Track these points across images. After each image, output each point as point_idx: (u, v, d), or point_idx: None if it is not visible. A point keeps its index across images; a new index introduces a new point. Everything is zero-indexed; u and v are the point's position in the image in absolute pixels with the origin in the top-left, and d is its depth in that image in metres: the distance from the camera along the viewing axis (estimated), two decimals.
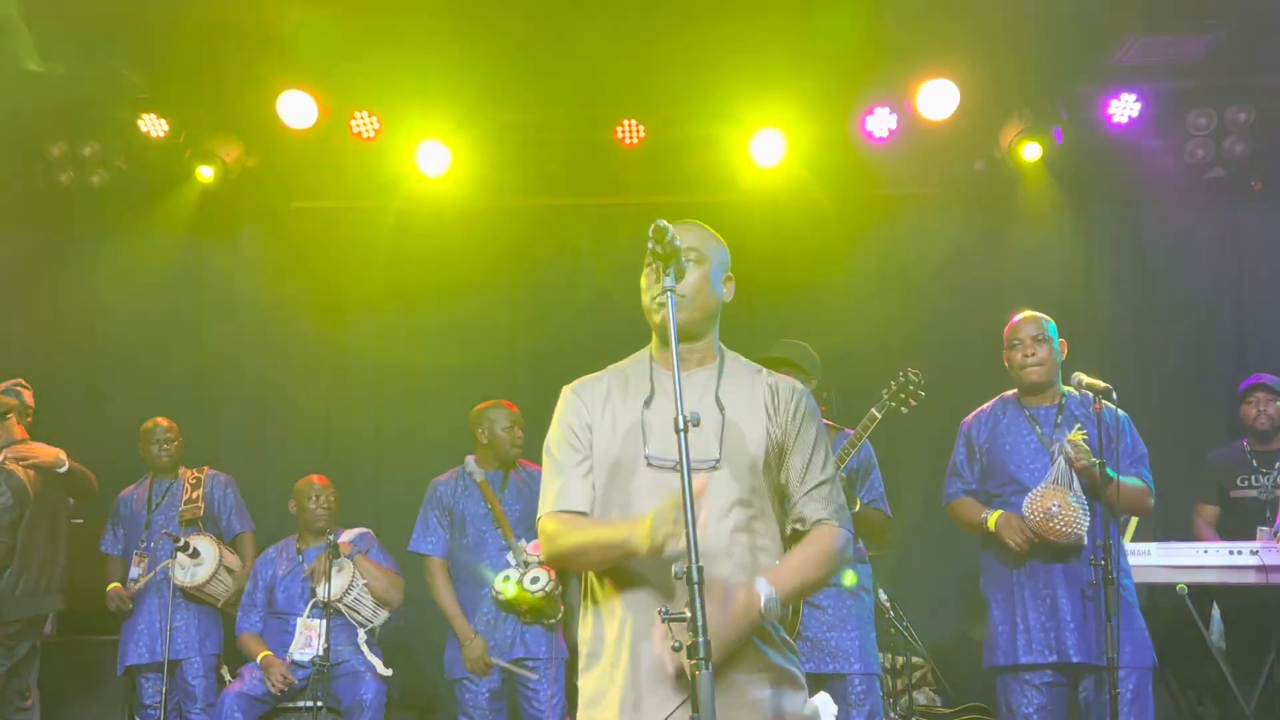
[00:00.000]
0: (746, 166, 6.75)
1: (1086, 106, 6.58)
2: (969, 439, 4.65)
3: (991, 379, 6.73)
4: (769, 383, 2.61)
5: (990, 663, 4.48)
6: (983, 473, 4.59)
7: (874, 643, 4.54)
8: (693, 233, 2.62)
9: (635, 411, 2.54)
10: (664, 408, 2.50)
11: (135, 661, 5.72)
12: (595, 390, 2.62)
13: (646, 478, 2.47)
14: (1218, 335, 6.99)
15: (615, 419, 2.55)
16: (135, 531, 5.91)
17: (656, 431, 2.49)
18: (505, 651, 5.10)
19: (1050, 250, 7.12)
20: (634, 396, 2.58)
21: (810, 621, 4.39)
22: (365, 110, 6.57)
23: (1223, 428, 6.50)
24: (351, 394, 7.28)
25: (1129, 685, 4.18)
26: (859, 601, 4.50)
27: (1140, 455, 4.41)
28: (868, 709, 4.40)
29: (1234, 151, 6.63)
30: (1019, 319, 4.54)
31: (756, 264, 7.17)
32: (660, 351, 2.61)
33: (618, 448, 2.52)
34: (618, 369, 2.68)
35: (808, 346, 4.74)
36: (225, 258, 7.36)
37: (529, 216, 7.28)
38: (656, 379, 2.58)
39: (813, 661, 4.33)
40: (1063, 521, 4.15)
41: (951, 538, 6.79)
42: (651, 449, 2.48)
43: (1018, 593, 4.39)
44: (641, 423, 2.52)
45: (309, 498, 5.72)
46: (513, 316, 7.26)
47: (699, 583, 2.05)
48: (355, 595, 5.50)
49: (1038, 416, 4.48)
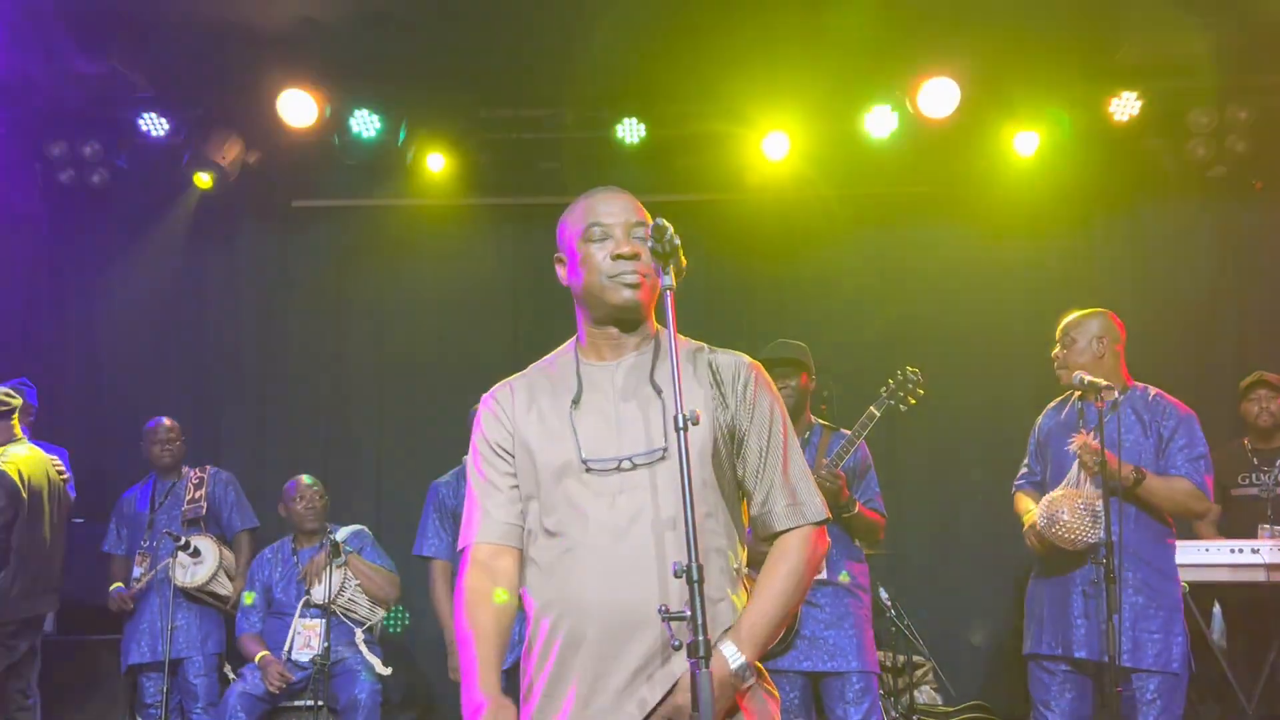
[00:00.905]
0: (747, 166, 6.75)
1: (1088, 105, 6.58)
2: (1036, 432, 4.68)
3: (991, 377, 6.79)
4: (709, 359, 2.37)
5: (1025, 650, 4.52)
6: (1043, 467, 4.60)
7: (872, 641, 4.53)
8: (633, 203, 2.39)
9: (564, 412, 2.33)
10: (594, 404, 2.32)
11: (137, 660, 5.72)
12: (516, 395, 2.41)
13: (587, 483, 2.26)
14: (1218, 333, 6.98)
15: (543, 420, 2.34)
16: (138, 531, 5.91)
17: (588, 432, 2.29)
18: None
19: (1051, 249, 7.13)
20: (561, 396, 2.36)
21: (807, 619, 4.39)
22: (365, 109, 6.58)
23: (1223, 426, 6.49)
24: (352, 393, 7.28)
25: (1149, 685, 4.18)
26: (856, 599, 4.49)
27: (1197, 456, 4.30)
28: (865, 707, 4.38)
29: (1235, 150, 6.62)
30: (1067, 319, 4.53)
31: (757, 263, 7.22)
32: (594, 340, 2.39)
33: (550, 451, 2.30)
34: (540, 367, 2.48)
35: (804, 347, 4.74)
36: (226, 256, 7.36)
37: (529, 214, 7.28)
38: (584, 373, 2.37)
39: (810, 659, 4.33)
40: (1064, 529, 4.13)
41: (951, 537, 6.82)
42: (587, 451, 2.27)
43: (1038, 586, 4.46)
44: (572, 423, 2.31)
45: (294, 499, 5.73)
46: (513, 314, 7.26)
47: (699, 581, 1.96)
48: (349, 595, 5.50)
49: (1088, 413, 4.44)
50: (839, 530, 4.52)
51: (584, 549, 2.23)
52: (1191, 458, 4.29)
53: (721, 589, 2.25)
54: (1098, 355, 4.42)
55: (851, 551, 4.57)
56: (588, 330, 2.41)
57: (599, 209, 2.37)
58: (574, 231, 2.40)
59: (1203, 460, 4.30)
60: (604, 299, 2.33)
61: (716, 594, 2.23)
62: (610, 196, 2.40)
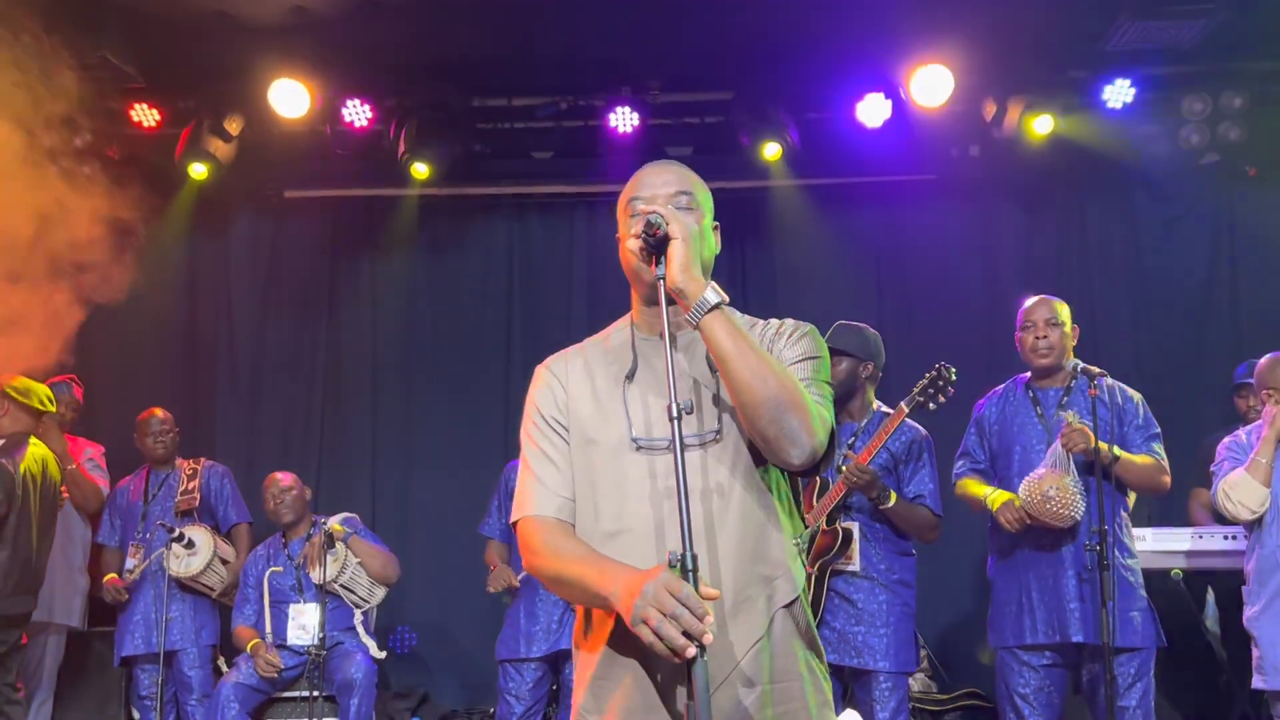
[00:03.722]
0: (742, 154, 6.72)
1: (1081, 92, 6.57)
2: (980, 420, 4.70)
3: (986, 364, 6.77)
4: (764, 333, 2.31)
5: (996, 643, 4.52)
6: (992, 454, 4.62)
7: (909, 639, 4.43)
8: (678, 173, 2.32)
9: (617, 386, 2.26)
10: (648, 380, 2.25)
11: (131, 652, 5.73)
12: (572, 366, 2.33)
13: (634, 462, 2.18)
14: (1212, 320, 6.99)
15: (596, 396, 2.27)
16: (131, 522, 5.91)
17: (641, 409, 2.22)
18: (551, 644, 5.10)
19: (1044, 236, 7.13)
20: (615, 369, 2.29)
21: (839, 613, 4.37)
22: (357, 99, 6.55)
23: (1218, 412, 6.51)
24: (345, 384, 7.27)
25: (1131, 666, 4.22)
26: (894, 595, 4.40)
27: (1154, 434, 4.44)
28: (893, 705, 4.32)
29: (1228, 136, 6.62)
30: (1032, 301, 4.57)
31: (751, 251, 7.21)
32: (645, 317, 2.31)
33: (600, 428, 2.23)
34: (596, 340, 2.39)
35: (865, 329, 4.60)
36: (218, 247, 7.34)
37: (522, 204, 7.27)
38: (639, 348, 2.29)
39: (837, 654, 4.32)
40: (1058, 505, 4.19)
41: (946, 523, 6.80)
42: (637, 429, 2.20)
43: (1022, 574, 4.44)
44: (624, 399, 2.24)
45: (269, 496, 5.76)
46: (507, 304, 7.25)
47: (694, 570, 1.90)
48: (350, 575, 5.51)
49: (1042, 399, 4.52)
50: (880, 523, 4.47)
51: (627, 532, 2.16)
52: (1148, 436, 4.43)
53: (780, 564, 2.19)
54: (1073, 340, 4.55)
55: (896, 544, 4.50)
56: (640, 308, 2.33)
57: (642, 183, 2.31)
58: (620, 207, 2.34)
59: (1158, 437, 4.45)
60: (640, 278, 2.25)
61: (773, 570, 2.17)
62: (656, 170, 2.33)
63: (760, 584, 2.16)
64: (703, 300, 2.08)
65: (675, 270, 2.09)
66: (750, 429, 2.13)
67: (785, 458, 2.11)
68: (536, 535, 2.20)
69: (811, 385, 2.21)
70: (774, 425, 2.07)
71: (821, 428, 2.13)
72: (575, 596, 2.18)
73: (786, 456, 2.10)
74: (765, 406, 2.06)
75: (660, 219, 2.10)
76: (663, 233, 2.10)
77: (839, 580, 4.40)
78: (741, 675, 2.11)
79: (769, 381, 2.06)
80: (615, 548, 2.15)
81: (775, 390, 2.06)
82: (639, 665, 2.12)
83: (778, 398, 2.06)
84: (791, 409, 2.07)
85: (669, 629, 1.85)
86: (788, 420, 2.07)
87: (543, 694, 5.17)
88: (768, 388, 2.06)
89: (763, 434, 2.10)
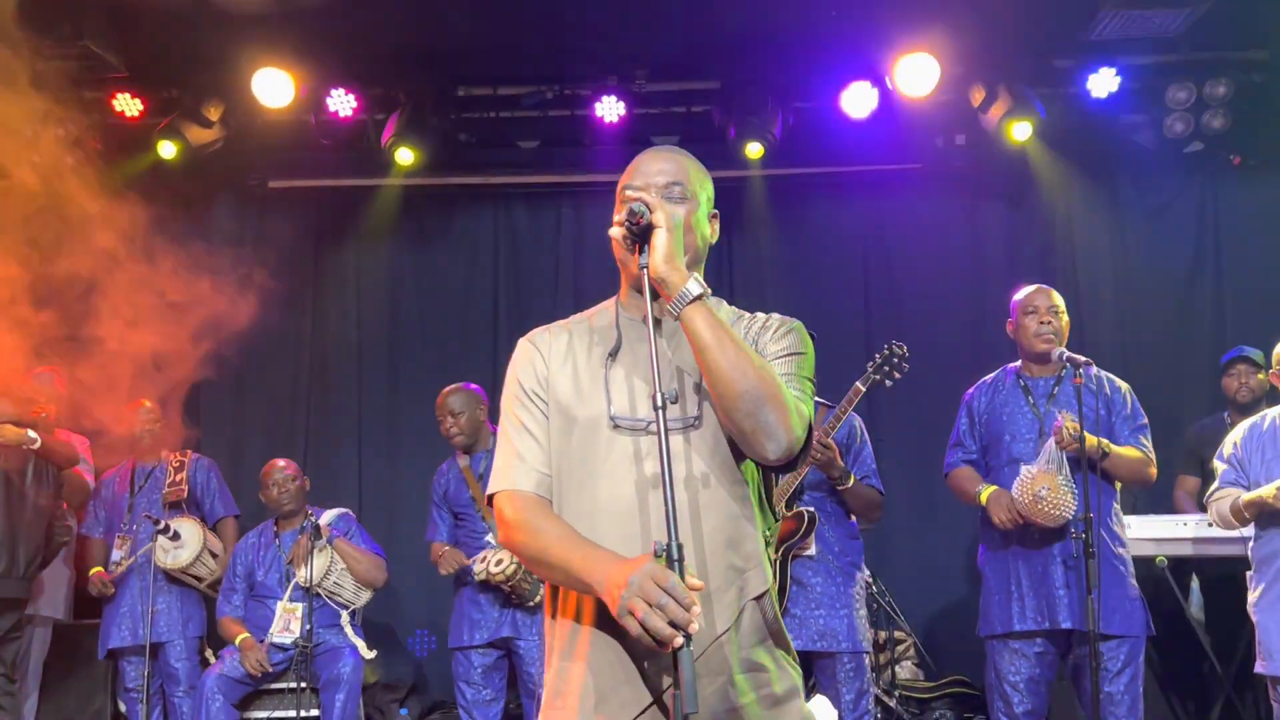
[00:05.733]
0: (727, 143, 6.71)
1: (1066, 81, 6.58)
2: (970, 409, 4.71)
3: (973, 352, 6.79)
4: (750, 326, 2.32)
5: (985, 631, 4.54)
6: (981, 443, 4.65)
7: (864, 620, 4.56)
8: (675, 162, 2.29)
9: (599, 365, 2.24)
10: (630, 361, 2.23)
11: (117, 644, 5.69)
12: (556, 340, 2.31)
13: (614, 441, 2.16)
14: (1197, 308, 7.02)
15: (577, 372, 2.25)
16: (117, 515, 5.87)
17: (621, 388, 2.21)
18: (493, 631, 5.10)
19: (1030, 225, 7.14)
20: (598, 348, 2.27)
21: (798, 598, 4.41)
22: (341, 88, 6.52)
23: (1203, 400, 6.54)
24: (331, 375, 7.24)
25: (1120, 653, 4.24)
26: (849, 578, 4.51)
27: (1140, 425, 4.46)
28: (857, 686, 4.42)
29: (1212, 125, 6.64)
30: (1032, 289, 4.59)
31: (736, 240, 7.20)
32: (631, 298, 2.31)
33: (579, 405, 2.21)
34: (582, 318, 2.37)
35: None
36: (202, 238, 7.28)
37: (508, 194, 7.25)
38: (624, 328, 2.28)
39: (800, 639, 4.35)
40: (1050, 505, 4.21)
41: (933, 512, 6.85)
42: (618, 408, 2.18)
43: (1012, 563, 4.46)
44: (606, 378, 2.22)
45: (269, 484, 5.71)
46: (493, 294, 7.23)
47: (680, 560, 1.89)
48: (335, 579, 5.48)
49: (1034, 388, 4.52)
50: (834, 506, 4.54)
51: (604, 512, 2.14)
52: (1135, 427, 4.44)
53: (753, 557, 2.18)
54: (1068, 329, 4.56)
55: (847, 528, 4.59)
56: (627, 291, 2.33)
57: (637, 170, 2.29)
58: (617, 193, 2.31)
59: (1145, 428, 4.46)
60: (629, 267, 2.23)
61: (745, 563, 2.16)
62: (652, 158, 2.30)
63: (732, 574, 2.15)
64: (684, 291, 2.08)
65: (658, 260, 2.09)
66: (727, 421, 2.11)
67: (761, 452, 2.09)
68: (518, 511, 2.18)
69: (793, 381, 2.20)
70: (750, 419, 2.06)
71: (799, 424, 2.11)
72: (556, 579, 2.16)
73: (762, 451, 2.09)
74: (743, 399, 2.05)
75: (644, 208, 2.10)
76: (646, 221, 2.09)
77: (796, 565, 4.45)
78: (707, 665, 2.10)
79: (748, 374, 2.05)
80: (592, 526, 2.13)
81: (754, 383, 2.04)
82: (612, 639, 2.11)
83: (756, 391, 2.04)
84: (769, 403, 2.06)
85: (655, 620, 1.85)
86: (764, 414, 2.05)
87: (498, 679, 5.17)
88: (746, 380, 2.04)
89: (739, 427, 2.08)
